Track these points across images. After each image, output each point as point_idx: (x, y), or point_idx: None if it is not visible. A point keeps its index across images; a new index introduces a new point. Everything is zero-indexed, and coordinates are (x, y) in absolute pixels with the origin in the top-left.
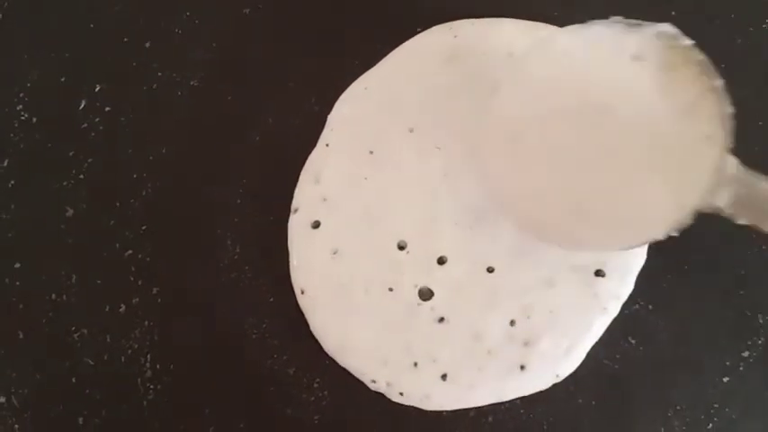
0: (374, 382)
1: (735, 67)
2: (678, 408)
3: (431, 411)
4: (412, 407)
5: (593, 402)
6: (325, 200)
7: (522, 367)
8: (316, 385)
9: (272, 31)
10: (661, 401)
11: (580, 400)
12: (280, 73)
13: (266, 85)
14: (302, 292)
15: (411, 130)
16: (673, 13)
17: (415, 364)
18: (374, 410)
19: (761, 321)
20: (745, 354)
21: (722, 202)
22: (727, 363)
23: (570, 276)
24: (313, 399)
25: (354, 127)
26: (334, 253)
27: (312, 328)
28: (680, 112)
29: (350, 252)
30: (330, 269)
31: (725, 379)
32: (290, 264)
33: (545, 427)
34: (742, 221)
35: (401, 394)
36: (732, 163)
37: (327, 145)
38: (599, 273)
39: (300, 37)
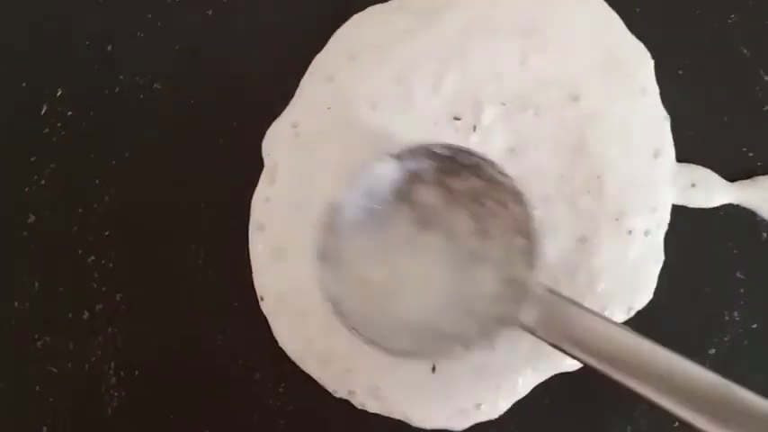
0: (335, 391)
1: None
2: (644, 407)
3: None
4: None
5: (560, 402)
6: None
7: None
8: (281, 390)
9: (236, 33)
10: (627, 400)
11: (546, 401)
12: (244, 75)
13: (230, 88)
14: (261, 299)
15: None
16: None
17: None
18: (341, 415)
19: (727, 318)
20: (712, 351)
21: (528, 320)
22: (694, 360)
23: None
24: (279, 404)
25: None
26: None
27: (274, 333)
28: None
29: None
30: (286, 275)
31: None
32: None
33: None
34: (550, 344)
35: (362, 404)
36: (537, 283)
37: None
38: None
39: (265, 39)
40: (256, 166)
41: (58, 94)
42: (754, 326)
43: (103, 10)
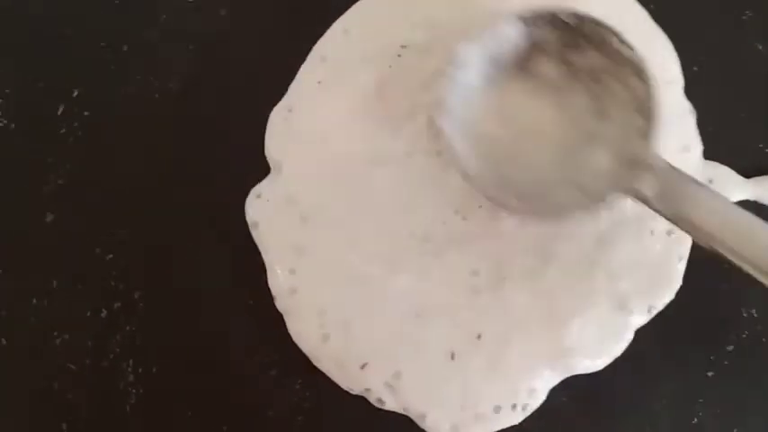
0: (351, 389)
1: None
2: (664, 402)
3: None
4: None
5: (578, 398)
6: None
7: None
8: (297, 387)
9: (250, 33)
10: (646, 397)
11: (564, 399)
12: (259, 74)
13: (245, 87)
14: (275, 297)
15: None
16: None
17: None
18: (357, 411)
19: (744, 315)
20: (730, 348)
21: (647, 190)
22: (712, 357)
23: None
24: (296, 400)
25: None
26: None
27: (290, 331)
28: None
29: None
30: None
31: (709, 373)
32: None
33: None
34: (666, 217)
35: (379, 400)
36: (658, 156)
37: None
38: None
39: (280, 39)
40: None
41: (75, 94)
42: None
43: (119, 10)
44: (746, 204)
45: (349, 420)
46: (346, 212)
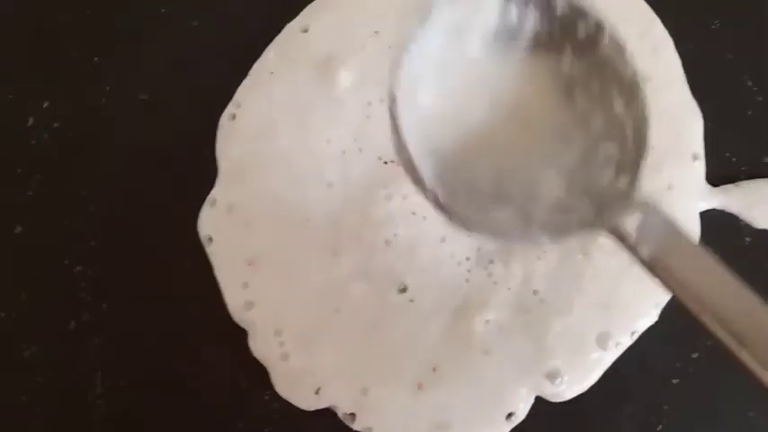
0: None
1: None
2: (628, 410)
3: None
4: None
5: (546, 414)
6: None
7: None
8: (267, 398)
9: (221, 44)
10: (612, 406)
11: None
12: (230, 84)
13: (216, 98)
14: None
15: None
16: None
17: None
18: (325, 423)
19: None
20: (695, 355)
21: (629, 226)
22: (678, 365)
23: None
24: (264, 412)
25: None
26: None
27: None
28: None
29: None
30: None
31: (674, 381)
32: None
33: None
34: (642, 255)
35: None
36: (644, 194)
37: None
38: None
39: (250, 49)
40: None
41: (45, 105)
42: None
43: (91, 21)
44: (714, 213)
45: (319, 429)
46: (295, 213)
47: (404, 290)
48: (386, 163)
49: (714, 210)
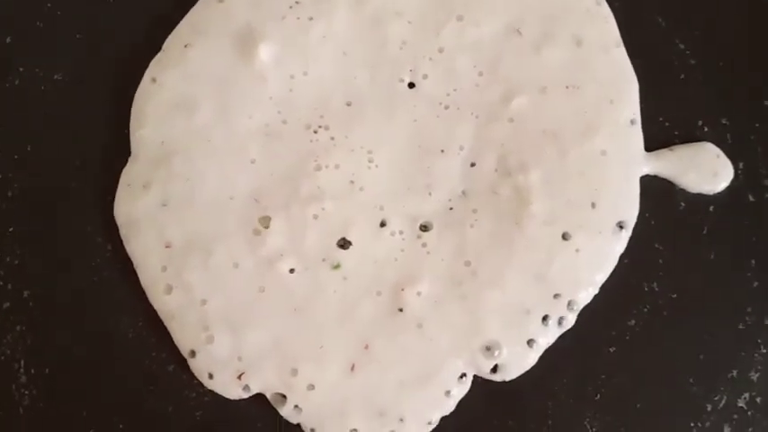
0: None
1: None
2: (565, 380)
3: None
4: None
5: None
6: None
7: None
8: (196, 381)
9: (135, 21)
10: (550, 378)
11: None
12: (146, 61)
13: (132, 76)
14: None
15: None
16: None
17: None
18: (257, 405)
19: (646, 289)
20: (631, 322)
21: None
22: (614, 333)
23: None
24: (194, 395)
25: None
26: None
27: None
28: None
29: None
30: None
31: (611, 349)
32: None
33: None
34: None
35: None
36: None
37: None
38: None
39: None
40: None
41: None
42: (674, 296)
43: (2, 2)
44: (648, 178)
45: (250, 412)
46: (216, 191)
47: (337, 266)
48: (315, 132)
49: (648, 175)
